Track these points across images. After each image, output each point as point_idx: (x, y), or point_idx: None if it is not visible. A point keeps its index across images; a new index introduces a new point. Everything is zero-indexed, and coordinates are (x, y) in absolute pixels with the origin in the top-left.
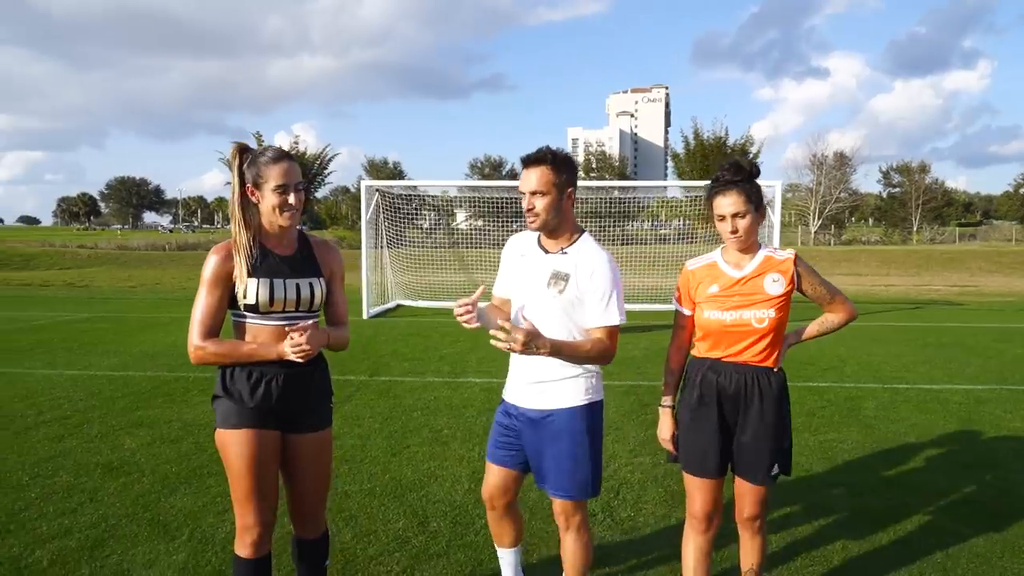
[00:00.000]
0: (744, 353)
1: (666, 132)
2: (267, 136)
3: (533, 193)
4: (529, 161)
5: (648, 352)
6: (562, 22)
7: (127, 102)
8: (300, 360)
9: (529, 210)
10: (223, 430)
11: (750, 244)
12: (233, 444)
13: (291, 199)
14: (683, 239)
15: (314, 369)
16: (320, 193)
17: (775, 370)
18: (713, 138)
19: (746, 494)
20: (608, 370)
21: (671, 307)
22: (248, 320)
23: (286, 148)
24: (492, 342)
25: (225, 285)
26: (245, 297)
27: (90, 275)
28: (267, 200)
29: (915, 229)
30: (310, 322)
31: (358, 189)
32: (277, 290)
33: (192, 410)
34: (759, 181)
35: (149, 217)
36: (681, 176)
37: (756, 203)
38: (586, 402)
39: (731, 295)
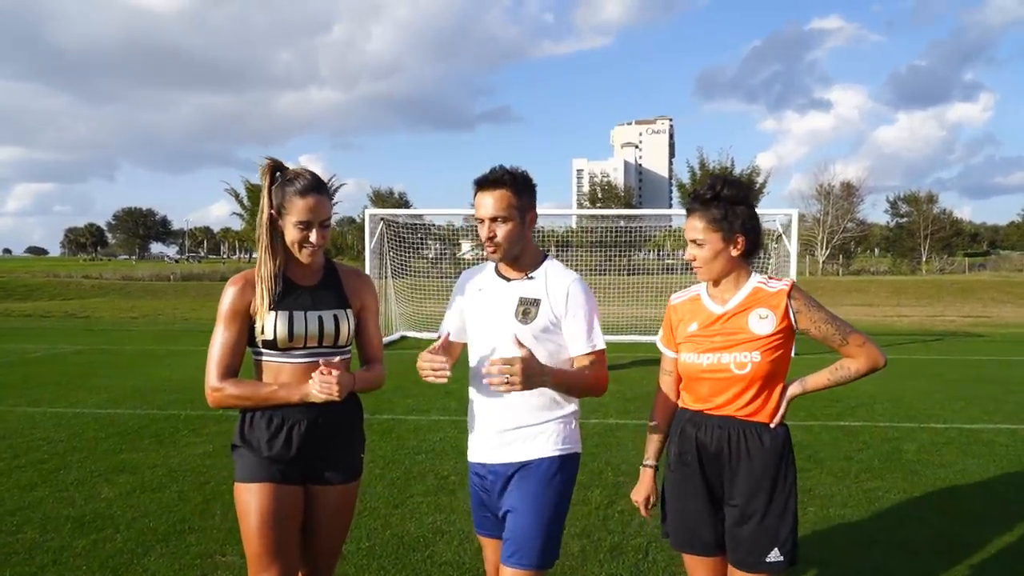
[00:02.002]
0: (728, 406)
1: (670, 163)
2: None
3: (493, 220)
4: (486, 183)
5: None
6: (567, 56)
7: (137, 135)
8: (329, 399)
9: (490, 239)
10: (239, 484)
11: (717, 276)
12: (247, 499)
13: (312, 237)
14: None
15: (344, 415)
16: None
17: (770, 426)
18: (719, 168)
19: None
20: (626, 408)
21: None
22: (267, 358)
23: None
24: (487, 382)
25: (244, 319)
26: (263, 332)
27: (92, 306)
28: (288, 233)
29: (924, 259)
30: (337, 359)
31: (363, 219)
32: (297, 324)
33: (179, 453)
34: (768, 209)
35: (156, 247)
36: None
37: (726, 231)
38: (566, 452)
39: (711, 335)
